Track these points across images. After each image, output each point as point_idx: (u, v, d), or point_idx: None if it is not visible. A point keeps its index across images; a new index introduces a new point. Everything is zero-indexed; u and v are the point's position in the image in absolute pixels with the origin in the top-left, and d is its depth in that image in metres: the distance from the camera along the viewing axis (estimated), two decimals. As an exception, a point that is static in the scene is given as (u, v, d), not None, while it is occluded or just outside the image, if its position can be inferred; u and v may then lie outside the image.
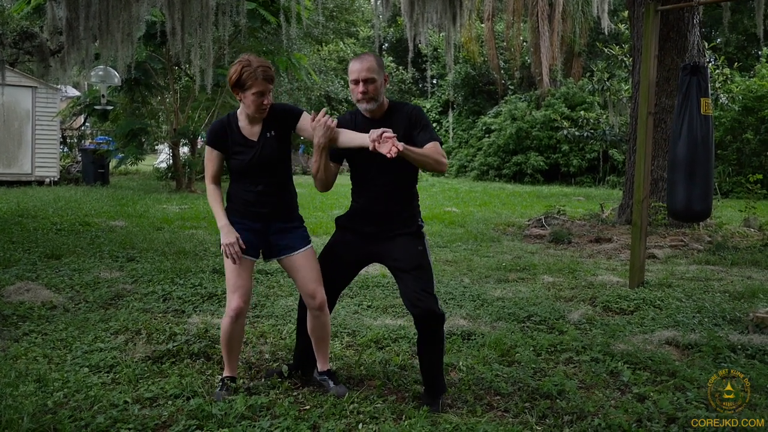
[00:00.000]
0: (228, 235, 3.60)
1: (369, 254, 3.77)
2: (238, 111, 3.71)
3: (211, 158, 3.73)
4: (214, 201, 3.71)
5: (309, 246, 3.76)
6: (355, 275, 3.97)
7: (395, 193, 3.69)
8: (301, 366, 3.98)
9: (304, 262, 3.70)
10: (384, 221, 3.68)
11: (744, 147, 19.42)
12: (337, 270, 3.81)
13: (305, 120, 3.66)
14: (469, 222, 12.01)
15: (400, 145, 3.24)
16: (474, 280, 7.06)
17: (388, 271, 3.95)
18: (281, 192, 3.73)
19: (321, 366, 3.84)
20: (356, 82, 3.58)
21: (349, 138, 3.54)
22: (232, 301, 3.63)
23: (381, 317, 5.42)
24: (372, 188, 3.71)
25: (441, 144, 3.58)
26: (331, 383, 3.75)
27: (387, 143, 3.25)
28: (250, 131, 3.67)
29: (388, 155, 3.22)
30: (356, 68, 3.59)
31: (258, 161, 3.63)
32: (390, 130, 3.32)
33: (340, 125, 3.63)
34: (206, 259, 7.64)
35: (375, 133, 3.30)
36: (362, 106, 3.64)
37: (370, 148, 3.32)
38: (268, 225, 3.70)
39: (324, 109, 3.68)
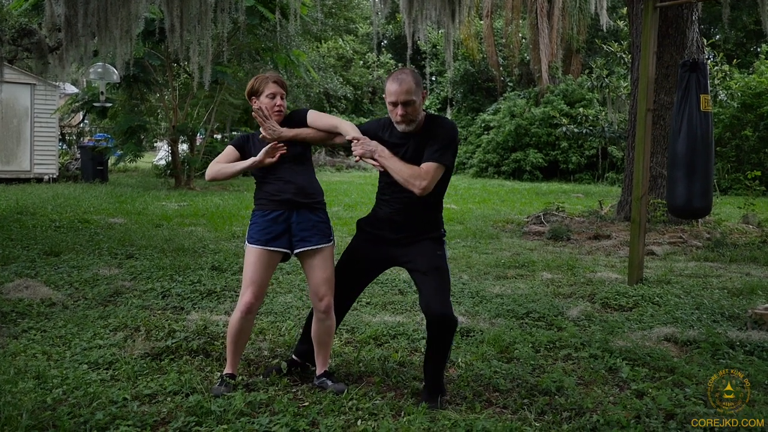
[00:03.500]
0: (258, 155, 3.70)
1: (389, 258, 3.75)
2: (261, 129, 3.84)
3: (225, 153, 3.85)
4: (226, 167, 3.79)
5: (329, 244, 3.75)
6: (373, 279, 3.95)
7: (419, 205, 3.62)
8: (306, 361, 3.97)
9: (320, 262, 3.70)
10: (406, 230, 3.66)
11: (743, 144, 19.42)
12: (357, 273, 3.81)
13: (312, 115, 3.82)
14: (468, 219, 12.01)
15: (369, 160, 3.51)
16: (473, 277, 7.06)
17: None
18: (304, 180, 3.76)
19: (319, 369, 3.82)
20: (395, 104, 3.50)
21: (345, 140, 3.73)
22: (244, 296, 3.66)
23: (380, 314, 5.42)
24: (397, 198, 3.64)
25: (444, 165, 3.49)
26: (329, 382, 3.73)
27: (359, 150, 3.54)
28: (269, 140, 3.78)
29: (356, 160, 3.57)
30: (394, 90, 3.48)
31: (286, 154, 3.72)
32: (367, 140, 3.56)
33: (371, 128, 3.72)
34: (205, 256, 7.64)
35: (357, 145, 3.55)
36: (400, 127, 3.57)
37: (356, 160, 3.61)
38: (290, 212, 3.69)
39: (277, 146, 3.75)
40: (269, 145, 3.69)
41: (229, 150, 3.84)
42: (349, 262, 3.82)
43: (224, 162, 3.80)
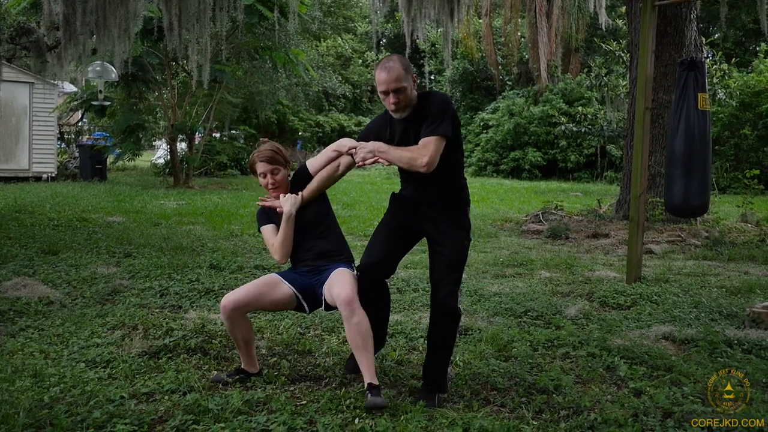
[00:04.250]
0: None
1: (421, 228, 3.70)
2: None
3: (267, 234, 3.90)
4: (278, 238, 3.82)
5: (344, 267, 3.73)
6: (409, 247, 3.84)
7: (436, 183, 3.61)
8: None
9: (334, 274, 3.66)
10: (430, 207, 3.66)
11: (741, 143, 19.43)
12: (394, 235, 3.73)
13: (310, 164, 3.91)
14: (467, 217, 11.99)
15: (372, 160, 3.52)
16: (471, 276, 7.06)
17: None
18: (325, 238, 3.85)
19: (365, 378, 3.47)
20: (386, 93, 3.50)
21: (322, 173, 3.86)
22: (227, 296, 3.69)
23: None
24: (413, 178, 3.65)
25: (444, 136, 3.44)
26: (369, 395, 3.40)
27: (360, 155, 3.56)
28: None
29: (358, 165, 3.61)
30: (384, 79, 3.47)
31: (301, 223, 3.82)
32: (356, 147, 3.58)
33: (373, 129, 3.73)
34: (203, 255, 7.63)
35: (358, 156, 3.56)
36: (396, 115, 3.58)
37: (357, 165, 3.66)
38: (315, 274, 3.78)
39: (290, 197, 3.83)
40: (289, 201, 3.79)
41: (267, 230, 3.89)
42: (385, 225, 3.76)
43: (275, 237, 3.83)
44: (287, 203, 3.79)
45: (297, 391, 3.70)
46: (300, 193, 3.84)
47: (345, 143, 3.75)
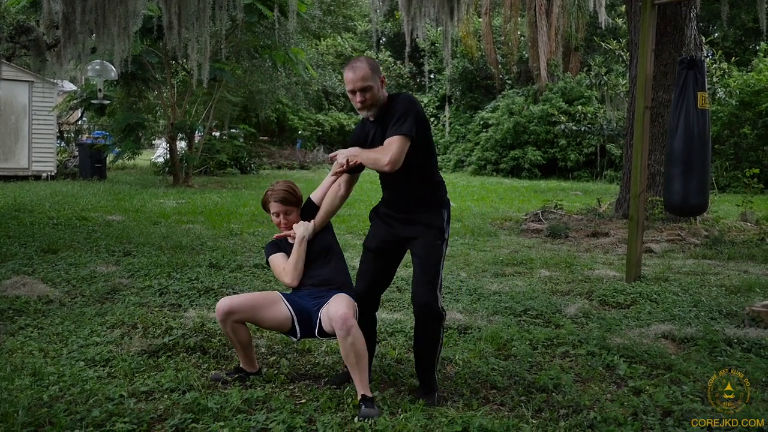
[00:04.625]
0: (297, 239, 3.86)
1: (397, 235, 3.73)
2: None
3: (276, 261, 3.93)
4: (290, 262, 3.86)
5: (344, 294, 3.71)
6: (395, 261, 3.87)
7: (407, 183, 3.65)
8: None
9: (333, 298, 3.63)
10: (405, 209, 3.69)
11: (741, 142, 19.43)
12: (377, 258, 3.80)
13: (314, 196, 3.98)
14: (467, 216, 12.01)
15: (346, 162, 3.60)
16: (471, 275, 7.06)
17: None
18: (329, 268, 3.86)
19: (358, 391, 3.44)
20: (353, 92, 3.57)
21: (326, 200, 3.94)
22: (222, 301, 3.71)
23: (377, 311, 5.41)
24: (389, 181, 3.72)
25: (406, 135, 3.45)
26: (363, 407, 3.34)
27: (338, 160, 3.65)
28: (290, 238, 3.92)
29: (337, 171, 3.72)
30: (350, 78, 3.55)
31: (309, 251, 3.86)
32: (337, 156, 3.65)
33: (355, 134, 3.80)
34: (203, 254, 7.63)
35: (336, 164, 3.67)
36: (363, 114, 3.65)
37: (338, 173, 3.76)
38: (311, 292, 3.79)
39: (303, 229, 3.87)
40: (302, 227, 3.85)
41: (277, 257, 3.92)
42: (367, 249, 3.85)
43: (284, 262, 3.87)
44: (300, 228, 3.84)
45: (296, 389, 3.70)
46: (312, 221, 3.87)
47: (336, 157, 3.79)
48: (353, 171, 3.76)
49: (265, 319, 3.70)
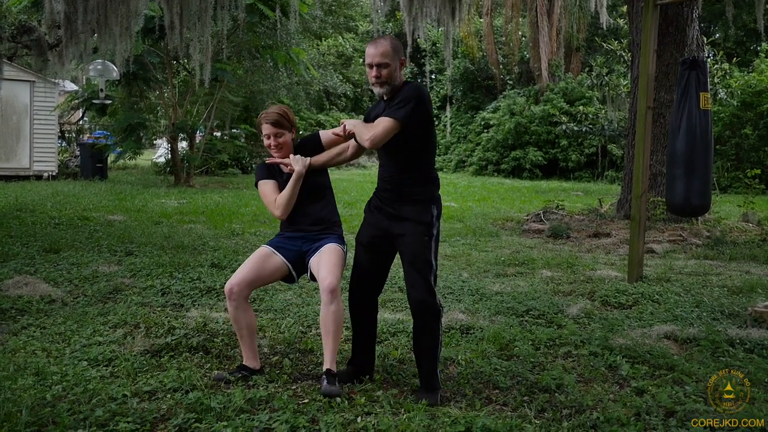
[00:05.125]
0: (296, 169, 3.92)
1: (386, 230, 3.73)
2: None
3: (266, 188, 4.01)
4: (282, 195, 3.94)
5: (335, 244, 3.90)
6: (386, 258, 3.86)
7: (398, 170, 3.70)
8: (361, 368, 3.91)
9: (326, 251, 3.83)
10: (395, 196, 3.70)
11: (743, 142, 19.42)
12: (369, 254, 3.82)
13: (325, 136, 4.06)
14: (468, 217, 12.01)
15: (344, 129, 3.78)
16: (473, 275, 7.06)
17: None
18: (320, 206, 4.00)
19: (326, 362, 3.62)
20: (370, 66, 3.63)
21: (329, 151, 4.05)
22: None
23: (379, 311, 5.40)
24: (383, 165, 3.81)
25: (397, 120, 3.51)
26: (325, 381, 3.54)
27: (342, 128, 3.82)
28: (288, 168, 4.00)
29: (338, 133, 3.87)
30: (370, 53, 3.62)
31: (304, 188, 3.95)
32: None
33: (370, 112, 3.84)
34: (205, 253, 7.64)
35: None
36: (376, 90, 3.69)
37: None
38: (305, 240, 3.93)
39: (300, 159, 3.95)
40: (300, 162, 3.92)
41: (268, 185, 4.01)
42: (359, 244, 3.88)
43: (277, 194, 3.96)
44: (298, 163, 3.91)
45: (299, 389, 3.70)
46: (309, 158, 3.95)
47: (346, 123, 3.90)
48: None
49: (266, 277, 3.91)
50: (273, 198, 3.95)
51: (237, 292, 3.77)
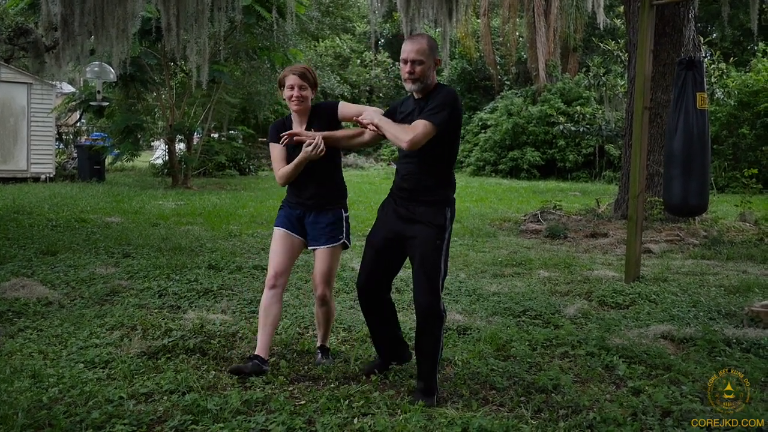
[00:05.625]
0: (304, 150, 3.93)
1: (397, 232, 3.74)
2: (292, 113, 4.13)
3: (274, 152, 4.08)
4: (286, 168, 4.01)
5: (333, 244, 4.02)
6: (397, 258, 3.86)
7: (419, 170, 3.69)
8: (388, 358, 4.04)
9: (321, 257, 4.04)
10: (410, 198, 3.71)
11: (740, 142, 19.44)
12: (377, 253, 3.81)
13: (344, 108, 4.08)
14: (466, 217, 12.01)
15: (372, 124, 3.72)
16: (470, 275, 7.06)
17: None
18: (324, 185, 4.07)
19: (319, 341, 4.28)
20: (405, 61, 3.64)
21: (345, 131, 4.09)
22: (268, 273, 4.05)
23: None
24: (403, 164, 3.81)
25: (435, 125, 3.52)
26: (319, 355, 4.19)
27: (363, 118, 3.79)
28: (299, 128, 4.05)
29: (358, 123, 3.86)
30: (407, 48, 3.64)
31: (315, 164, 3.98)
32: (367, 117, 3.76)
33: (394, 104, 3.89)
34: (202, 255, 7.63)
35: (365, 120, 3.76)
36: (407, 86, 3.70)
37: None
38: (306, 213, 4.08)
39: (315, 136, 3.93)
40: (312, 147, 3.90)
41: (277, 151, 4.06)
42: (370, 245, 3.87)
43: (283, 162, 4.03)
44: (310, 148, 3.89)
45: (296, 391, 3.70)
46: (322, 145, 3.91)
47: (361, 111, 3.94)
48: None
49: (294, 258, 4.14)
50: (279, 165, 4.04)
51: (282, 281, 4.02)
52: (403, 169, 3.79)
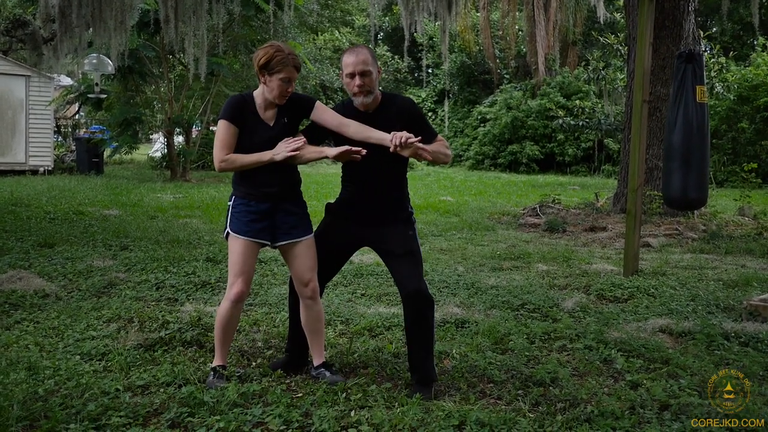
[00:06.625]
0: (276, 150, 3.56)
1: (360, 238, 3.78)
2: (255, 92, 3.67)
3: (227, 133, 3.57)
4: (242, 158, 3.56)
5: (311, 235, 3.75)
6: (345, 261, 3.96)
7: (386, 181, 3.69)
8: (294, 359, 3.93)
9: (305, 250, 3.68)
10: (374, 207, 3.69)
11: (739, 136, 19.43)
12: (328, 256, 3.78)
13: (319, 109, 3.66)
14: (464, 211, 12.00)
15: (426, 154, 3.42)
16: (468, 269, 7.05)
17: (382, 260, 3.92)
18: (290, 173, 3.71)
19: (316, 360, 3.76)
20: (352, 75, 3.53)
21: (365, 134, 3.52)
22: (234, 286, 3.61)
23: (374, 305, 5.41)
24: (363, 175, 3.69)
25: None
26: (327, 373, 3.70)
27: (410, 148, 3.36)
28: (265, 115, 3.64)
29: (392, 150, 3.37)
30: (351, 61, 3.53)
31: (274, 146, 3.59)
32: (412, 135, 3.35)
33: (342, 119, 3.63)
34: (200, 248, 7.62)
35: (397, 137, 3.33)
36: (358, 100, 3.59)
37: (391, 150, 3.37)
38: (276, 204, 3.64)
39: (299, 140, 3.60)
40: (291, 145, 3.55)
41: (230, 129, 3.58)
42: (319, 247, 3.75)
43: (230, 148, 3.57)
44: (285, 152, 3.54)
45: (293, 383, 3.69)
46: (291, 153, 3.54)
47: (362, 130, 3.57)
48: (367, 151, 3.49)
49: (252, 264, 3.69)
50: (225, 151, 3.56)
51: (246, 293, 3.67)
52: (364, 176, 3.66)
